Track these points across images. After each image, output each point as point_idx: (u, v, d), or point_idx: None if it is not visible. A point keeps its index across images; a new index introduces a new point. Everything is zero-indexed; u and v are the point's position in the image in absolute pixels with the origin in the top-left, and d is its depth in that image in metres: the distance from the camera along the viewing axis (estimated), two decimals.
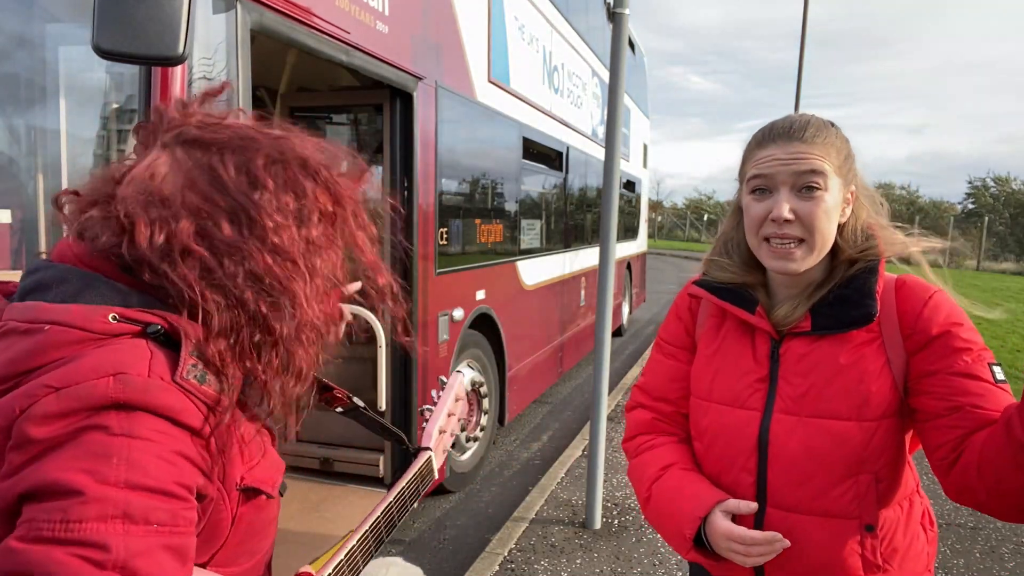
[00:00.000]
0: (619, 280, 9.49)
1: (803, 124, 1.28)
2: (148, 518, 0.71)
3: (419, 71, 3.64)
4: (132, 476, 0.71)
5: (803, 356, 1.29)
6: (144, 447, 0.73)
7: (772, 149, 1.28)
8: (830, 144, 1.27)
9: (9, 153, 2.91)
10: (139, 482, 0.71)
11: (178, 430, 0.78)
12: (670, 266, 24.53)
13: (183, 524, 0.75)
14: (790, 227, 1.24)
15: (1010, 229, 33.47)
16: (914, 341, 1.23)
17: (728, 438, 1.34)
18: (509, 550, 3.68)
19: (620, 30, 3.70)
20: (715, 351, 1.41)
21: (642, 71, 10.82)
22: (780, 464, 1.27)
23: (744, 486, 1.31)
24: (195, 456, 0.79)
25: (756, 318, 1.33)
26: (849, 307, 1.26)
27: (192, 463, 0.79)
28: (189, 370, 0.80)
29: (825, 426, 1.24)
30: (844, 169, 1.28)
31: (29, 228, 2.78)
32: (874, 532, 1.24)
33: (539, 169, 6.22)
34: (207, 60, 2.19)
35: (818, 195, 1.24)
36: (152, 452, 0.74)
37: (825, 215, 1.24)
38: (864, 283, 1.27)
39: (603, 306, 3.89)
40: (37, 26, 2.73)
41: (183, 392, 0.78)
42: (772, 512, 1.28)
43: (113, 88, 2.54)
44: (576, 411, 6.60)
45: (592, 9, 7.39)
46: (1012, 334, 11.42)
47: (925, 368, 1.22)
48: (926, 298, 1.25)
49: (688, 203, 55.85)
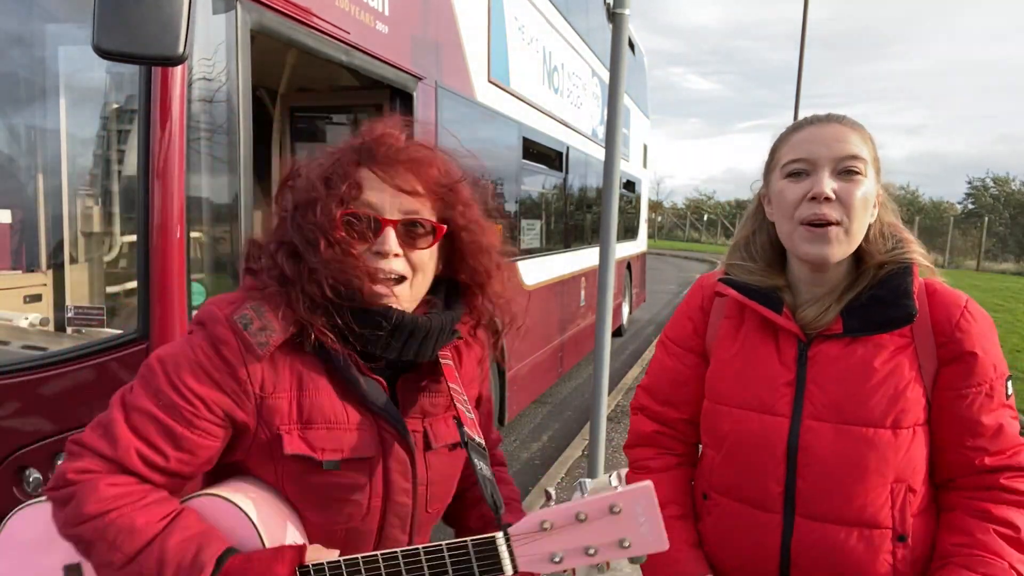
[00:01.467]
0: (619, 280, 9.49)
1: (840, 115, 1.29)
2: (158, 394, 1.03)
3: (419, 71, 3.65)
4: (168, 362, 1.05)
5: (836, 360, 1.25)
6: (187, 352, 1.06)
7: (811, 130, 1.26)
8: (867, 136, 1.27)
9: (9, 153, 2.91)
10: (169, 370, 1.04)
11: (215, 354, 1.05)
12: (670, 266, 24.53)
13: (182, 418, 1.03)
14: (830, 207, 1.20)
15: (1010, 229, 33.48)
16: (948, 350, 1.22)
17: (753, 445, 1.28)
18: None
19: (620, 30, 3.70)
20: (735, 354, 1.35)
21: (642, 71, 10.82)
22: (811, 473, 1.23)
23: (772, 495, 1.26)
24: (221, 379, 1.05)
25: (783, 319, 1.28)
26: (886, 308, 1.23)
27: (216, 384, 1.05)
28: (240, 317, 1.06)
29: (860, 434, 1.20)
30: (877, 166, 1.27)
31: (29, 228, 2.78)
32: (906, 542, 1.21)
33: (539, 169, 6.22)
34: (207, 60, 2.20)
35: (858, 179, 1.22)
36: (188, 358, 1.05)
37: (864, 200, 1.22)
38: (900, 283, 1.24)
39: (603, 306, 3.89)
40: (37, 26, 2.73)
41: (231, 330, 1.05)
42: (801, 522, 1.24)
43: (113, 88, 2.54)
44: (576, 411, 6.60)
45: (592, 9, 7.39)
46: (1012, 334, 11.41)
47: (948, 382, 1.22)
48: (962, 306, 1.23)
49: (688, 203, 55.95)
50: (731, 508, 1.33)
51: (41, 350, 2.27)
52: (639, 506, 0.95)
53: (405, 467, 1.14)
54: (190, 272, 2.16)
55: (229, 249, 2.34)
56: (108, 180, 2.61)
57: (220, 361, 1.05)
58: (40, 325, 2.53)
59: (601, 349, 3.90)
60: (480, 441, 1.16)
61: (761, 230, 1.36)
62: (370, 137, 1.12)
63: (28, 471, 2.15)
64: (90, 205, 2.61)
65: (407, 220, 1.10)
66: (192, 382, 1.04)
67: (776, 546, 1.26)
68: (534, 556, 0.97)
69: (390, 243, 1.08)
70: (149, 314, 2.08)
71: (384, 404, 1.11)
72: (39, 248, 2.72)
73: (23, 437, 2.13)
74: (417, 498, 1.16)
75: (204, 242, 2.29)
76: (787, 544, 1.25)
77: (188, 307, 2.15)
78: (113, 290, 2.55)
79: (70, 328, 2.36)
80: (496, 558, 0.97)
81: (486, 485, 1.08)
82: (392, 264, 1.08)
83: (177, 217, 2.09)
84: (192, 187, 2.16)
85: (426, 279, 1.15)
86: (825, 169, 1.22)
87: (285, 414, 1.07)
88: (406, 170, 1.10)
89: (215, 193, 2.28)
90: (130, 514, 1.00)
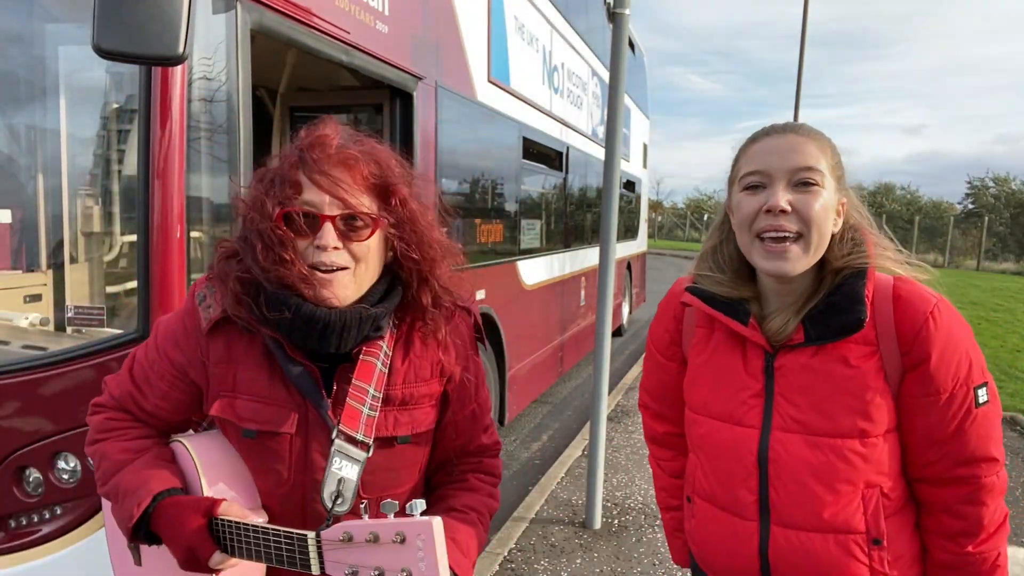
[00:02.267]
0: (619, 280, 9.49)
1: (797, 124, 1.27)
2: (147, 349, 1.31)
3: (419, 71, 3.65)
4: (161, 325, 1.33)
5: (801, 372, 1.24)
6: (172, 318, 1.32)
7: (767, 141, 1.25)
8: (825, 145, 1.24)
9: (9, 153, 2.91)
10: (158, 331, 1.32)
11: (181, 322, 1.28)
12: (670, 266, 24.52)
13: (153, 369, 1.28)
14: (786, 219, 1.19)
15: (1010, 229, 33.46)
16: (911, 357, 1.20)
17: (726, 455, 1.30)
18: (509, 550, 3.68)
19: (620, 30, 3.70)
20: (705, 362, 1.36)
21: (642, 71, 10.81)
22: (782, 483, 1.24)
23: (746, 504, 1.27)
24: (183, 343, 1.27)
25: (749, 330, 1.28)
26: (840, 314, 1.21)
27: (177, 346, 1.27)
28: (199, 293, 1.26)
29: (828, 444, 1.21)
30: (837, 174, 1.25)
31: (29, 228, 2.78)
32: (881, 545, 1.22)
33: (539, 169, 6.22)
34: (207, 60, 2.20)
35: (815, 190, 1.20)
36: (171, 323, 1.31)
37: (822, 211, 1.20)
38: (852, 288, 1.21)
39: (603, 306, 3.89)
40: (37, 26, 2.73)
41: (193, 303, 1.27)
42: (776, 530, 1.25)
43: (113, 88, 2.54)
44: (576, 411, 6.60)
45: (592, 9, 7.39)
46: (1012, 334, 11.42)
47: (911, 389, 1.21)
48: (927, 312, 1.19)
49: (688, 203, 55.88)
50: (712, 514, 1.35)
51: (41, 350, 2.27)
52: (419, 540, 0.96)
53: (327, 449, 1.20)
54: (190, 272, 2.16)
55: None
56: (108, 180, 2.61)
57: (183, 328, 1.27)
58: (40, 325, 2.53)
59: (601, 349, 3.90)
60: (364, 440, 1.20)
61: (728, 240, 1.35)
62: (307, 140, 1.20)
63: (28, 471, 2.15)
64: (90, 205, 2.61)
65: (344, 215, 1.17)
66: (164, 342, 1.29)
67: (755, 553, 1.28)
68: (337, 563, 1.03)
69: (328, 237, 1.16)
70: (149, 314, 2.08)
71: (307, 389, 1.20)
72: (39, 248, 2.72)
73: (23, 437, 2.13)
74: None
75: (204, 242, 2.29)
76: (765, 551, 1.27)
77: None
78: (113, 290, 2.55)
79: (70, 328, 2.36)
80: (307, 555, 1.06)
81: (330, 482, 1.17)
82: (332, 256, 1.16)
83: (177, 217, 2.09)
84: (192, 187, 2.16)
85: (369, 270, 1.22)
86: (780, 181, 1.21)
87: (224, 382, 1.23)
88: (342, 170, 1.17)
89: (215, 193, 2.28)
90: (111, 444, 1.26)
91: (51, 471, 2.12)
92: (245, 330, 1.21)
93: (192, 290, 1.28)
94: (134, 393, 1.29)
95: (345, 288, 1.18)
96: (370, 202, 1.20)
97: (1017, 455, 5.44)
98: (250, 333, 1.22)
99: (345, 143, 1.20)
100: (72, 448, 2.11)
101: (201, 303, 1.25)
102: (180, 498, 1.18)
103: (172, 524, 1.15)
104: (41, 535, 2.15)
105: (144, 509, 1.16)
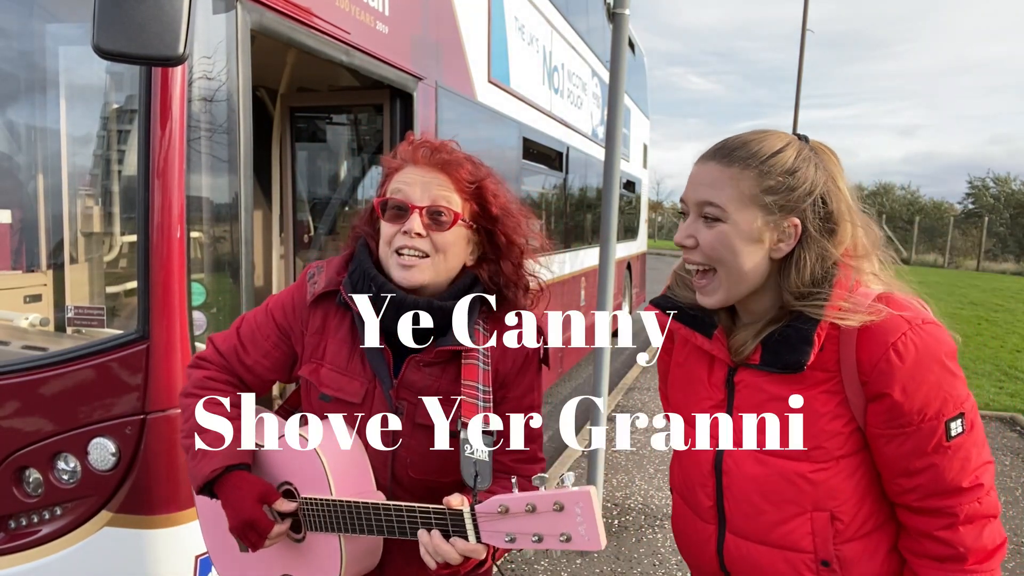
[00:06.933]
0: (619, 280, 9.49)
1: (734, 144, 1.21)
2: (257, 312, 1.50)
3: (419, 71, 3.65)
4: (276, 294, 1.50)
5: (757, 390, 1.23)
6: (280, 294, 1.50)
7: (694, 168, 1.24)
8: (746, 173, 1.17)
9: (9, 153, 2.91)
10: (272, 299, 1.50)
11: (292, 294, 1.46)
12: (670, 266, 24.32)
13: (259, 329, 1.46)
14: (693, 254, 1.22)
15: (1010, 229, 33.47)
16: (870, 389, 1.14)
17: (689, 460, 1.34)
18: None
19: (620, 30, 3.70)
20: (679, 365, 1.39)
21: (642, 71, 10.82)
22: (733, 495, 1.25)
23: (705, 508, 1.31)
24: (292, 311, 1.45)
25: (710, 344, 1.28)
26: (788, 350, 1.17)
27: (285, 313, 1.45)
28: (311, 271, 1.46)
29: (776, 464, 1.20)
30: (769, 200, 1.16)
31: (29, 228, 2.78)
32: (830, 567, 1.19)
33: (539, 169, 6.22)
34: (207, 60, 2.20)
35: (715, 225, 1.18)
36: (286, 292, 1.48)
37: (725, 246, 1.18)
38: (805, 329, 1.16)
39: (603, 306, 3.89)
40: (37, 26, 2.73)
41: (305, 279, 1.45)
42: (730, 537, 1.27)
43: (113, 88, 2.54)
44: (576, 411, 6.60)
45: (592, 9, 7.39)
46: (1012, 334, 11.42)
47: (873, 420, 1.16)
48: (889, 344, 1.11)
49: None
50: (682, 510, 1.39)
51: (41, 350, 2.27)
52: (578, 507, 1.06)
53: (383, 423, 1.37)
54: (190, 272, 2.16)
55: (229, 249, 2.34)
56: (108, 180, 2.61)
57: (291, 300, 1.45)
58: (40, 325, 2.53)
59: (601, 349, 3.90)
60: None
61: None
62: (410, 143, 1.39)
63: (28, 471, 2.15)
64: (90, 205, 2.61)
65: (433, 208, 1.32)
66: (275, 308, 1.46)
67: (714, 554, 1.30)
68: (492, 532, 1.14)
69: (414, 224, 1.31)
70: (149, 314, 2.08)
71: (377, 367, 1.37)
72: (39, 248, 2.72)
73: (23, 437, 2.13)
74: (396, 457, 1.38)
75: (204, 242, 2.29)
76: (721, 554, 1.29)
77: (188, 307, 2.15)
78: (113, 290, 2.55)
79: (70, 328, 2.36)
80: (463, 527, 1.16)
81: (468, 465, 1.26)
82: (416, 242, 1.32)
83: (177, 217, 2.09)
84: (192, 187, 2.16)
85: (448, 261, 1.36)
86: (693, 212, 1.22)
87: (315, 350, 1.41)
88: (438, 169, 1.34)
89: (215, 193, 2.28)
90: (199, 403, 1.38)
91: (51, 471, 2.12)
92: (341, 304, 1.38)
93: (305, 269, 1.47)
94: (239, 348, 1.45)
95: (423, 273, 1.33)
96: (461, 201, 1.36)
97: (1017, 455, 5.44)
98: (345, 309, 1.39)
99: (443, 145, 1.38)
100: (72, 448, 2.10)
101: (310, 279, 1.44)
102: (246, 477, 1.34)
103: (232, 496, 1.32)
104: (41, 535, 2.14)
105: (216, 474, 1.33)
